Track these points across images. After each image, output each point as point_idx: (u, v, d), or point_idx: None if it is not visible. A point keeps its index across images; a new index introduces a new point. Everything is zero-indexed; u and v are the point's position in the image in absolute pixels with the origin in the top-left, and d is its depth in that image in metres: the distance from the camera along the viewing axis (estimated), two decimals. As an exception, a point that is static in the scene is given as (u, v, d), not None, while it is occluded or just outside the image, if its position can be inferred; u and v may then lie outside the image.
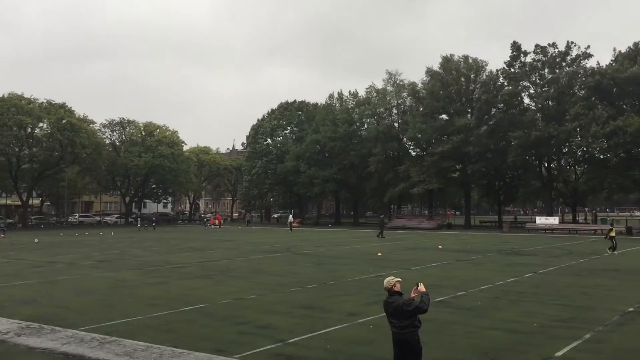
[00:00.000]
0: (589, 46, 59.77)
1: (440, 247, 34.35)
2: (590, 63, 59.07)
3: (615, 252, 28.82)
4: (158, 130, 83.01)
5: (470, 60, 64.66)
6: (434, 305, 13.78)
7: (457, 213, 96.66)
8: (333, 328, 11.64)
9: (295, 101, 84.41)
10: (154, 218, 69.16)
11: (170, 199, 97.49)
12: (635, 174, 52.72)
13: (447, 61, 64.86)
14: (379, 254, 29.09)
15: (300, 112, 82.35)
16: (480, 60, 64.94)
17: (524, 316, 12.78)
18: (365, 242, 38.97)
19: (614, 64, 55.65)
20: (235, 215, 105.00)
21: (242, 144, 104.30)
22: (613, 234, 30.22)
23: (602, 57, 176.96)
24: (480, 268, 22.76)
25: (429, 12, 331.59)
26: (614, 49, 58.69)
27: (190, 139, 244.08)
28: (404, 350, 7.04)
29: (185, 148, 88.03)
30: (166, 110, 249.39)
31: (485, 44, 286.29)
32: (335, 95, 78.90)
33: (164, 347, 10.02)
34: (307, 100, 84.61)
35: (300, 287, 17.36)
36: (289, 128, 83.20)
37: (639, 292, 16.15)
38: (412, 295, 7.13)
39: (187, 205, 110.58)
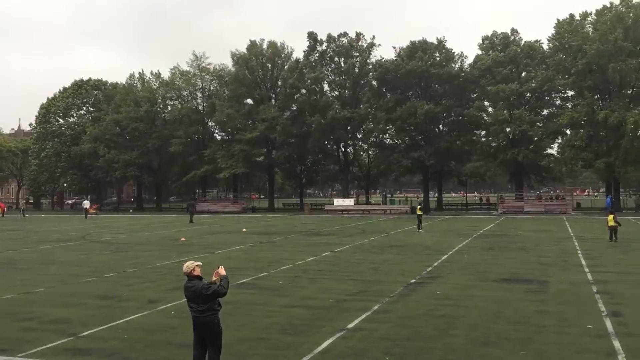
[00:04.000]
0: (374, 37, 64.78)
1: (244, 230, 34.79)
2: (378, 54, 63.84)
3: (421, 231, 31.77)
4: None
5: (277, 46, 65.83)
6: (236, 287, 14.03)
7: (262, 196, 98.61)
8: (132, 317, 11.19)
9: (90, 79, 78.79)
10: None
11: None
12: (418, 157, 58.26)
13: (253, 46, 65.40)
14: (183, 239, 28.60)
15: (97, 92, 77.04)
16: (287, 46, 66.74)
17: (321, 292, 13.50)
18: (169, 228, 38.02)
19: (397, 59, 60.79)
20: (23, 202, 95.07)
21: (30, 124, 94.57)
22: (420, 212, 33.41)
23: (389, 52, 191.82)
24: (282, 249, 23.53)
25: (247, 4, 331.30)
26: (394, 47, 64.41)
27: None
28: (204, 334, 7.03)
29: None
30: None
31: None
32: (137, 75, 75.30)
33: None
34: (104, 79, 79.53)
35: (97, 277, 16.37)
36: (84, 108, 77.52)
37: (420, 265, 17.99)
38: (213, 278, 7.12)
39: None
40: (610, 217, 24.55)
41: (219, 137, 70.99)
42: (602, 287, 13.61)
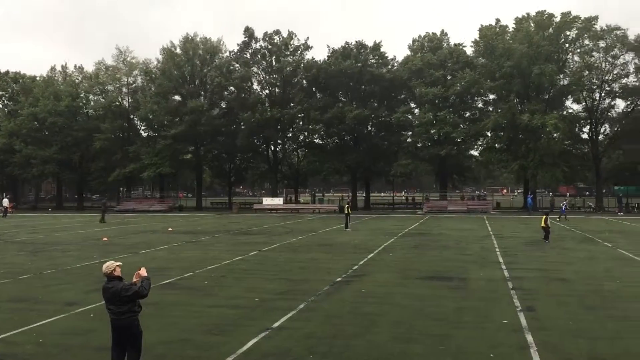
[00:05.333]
0: (308, 38, 65.24)
1: (170, 229, 34.08)
2: (310, 54, 64.22)
3: (349, 229, 32.12)
4: None
5: (211, 42, 64.74)
6: (160, 287, 13.76)
7: (190, 195, 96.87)
8: (48, 320, 10.73)
9: (8, 72, 74.79)
10: None
11: None
12: (348, 159, 59.08)
13: (186, 41, 64.00)
14: (105, 238, 27.68)
15: (15, 85, 73.23)
16: (219, 40, 65.76)
17: (247, 292, 13.43)
18: (90, 227, 36.69)
19: (330, 59, 61.38)
20: None
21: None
22: (348, 211, 33.72)
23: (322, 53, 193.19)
24: (209, 248, 23.21)
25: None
26: (328, 46, 65.01)
27: None
28: (123, 336, 6.84)
29: None
30: None
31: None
32: (59, 68, 72.14)
33: None
34: (22, 72, 75.61)
35: (11, 279, 15.59)
36: (0, 101, 73.53)
37: (347, 263, 18.21)
38: (134, 279, 6.94)
39: None
40: (543, 218, 25.56)
41: (144, 134, 69.11)
42: (517, 284, 14.25)
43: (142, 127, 69.72)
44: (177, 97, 64.76)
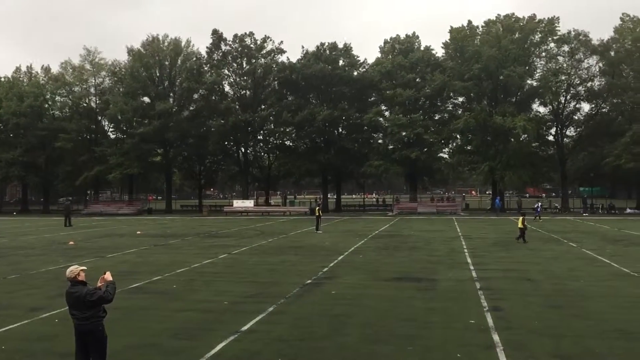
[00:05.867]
0: (282, 42, 65.19)
1: (139, 232, 33.67)
2: (283, 58, 64.15)
3: (320, 231, 32.15)
4: None
5: (179, 43, 64.15)
6: (128, 292, 13.59)
7: (159, 198, 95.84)
8: (11, 326, 10.49)
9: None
10: None
11: None
12: (319, 161, 59.13)
13: (151, 42, 63.37)
14: (71, 242, 27.19)
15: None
16: (187, 41, 65.27)
17: (216, 295, 13.32)
18: (56, 231, 36.00)
19: (302, 60, 61.49)
20: None
21: None
22: (318, 213, 33.71)
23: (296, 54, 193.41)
24: (178, 252, 22.97)
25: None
26: (302, 47, 65.07)
27: None
28: (87, 342, 6.71)
29: None
30: None
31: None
32: (24, 69, 70.69)
33: None
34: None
35: (-28, 285, 15.21)
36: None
37: (317, 265, 18.22)
38: (99, 284, 6.83)
39: None
40: (520, 219, 25.89)
41: (112, 136, 68.14)
42: (485, 284, 14.45)
43: (111, 129, 68.82)
44: (145, 99, 64.06)
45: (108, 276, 6.90)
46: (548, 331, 9.80)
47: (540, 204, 47.49)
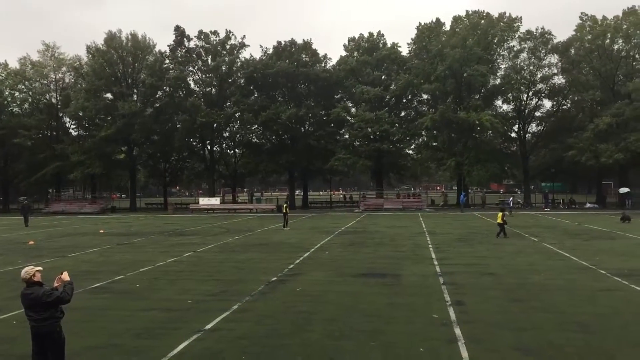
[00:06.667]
0: (244, 36, 64.87)
1: (102, 231, 33.11)
2: (246, 54, 63.70)
3: (287, 228, 32.07)
4: None
5: (139, 39, 63.10)
6: (89, 292, 13.37)
7: (124, 196, 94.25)
8: (-35, 330, 10.19)
9: None
10: None
11: None
12: (285, 158, 58.96)
13: (112, 38, 62.18)
14: (31, 242, 26.56)
15: None
16: (149, 38, 64.31)
17: (180, 294, 13.18)
18: (16, 230, 35.12)
19: (264, 58, 61.16)
20: None
21: None
22: (286, 210, 33.63)
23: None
24: (141, 250, 22.64)
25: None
26: (261, 46, 64.80)
27: None
28: (44, 344, 6.56)
29: None
30: None
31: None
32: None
33: None
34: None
35: None
36: None
37: (282, 263, 18.19)
38: (56, 284, 6.68)
39: None
40: (499, 214, 26.25)
41: (74, 133, 66.71)
42: (448, 279, 14.64)
43: (73, 126, 67.41)
44: (108, 95, 62.87)
45: (65, 276, 6.76)
46: (509, 324, 9.98)
47: (512, 199, 48.25)
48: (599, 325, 9.88)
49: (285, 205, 35.51)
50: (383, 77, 59.40)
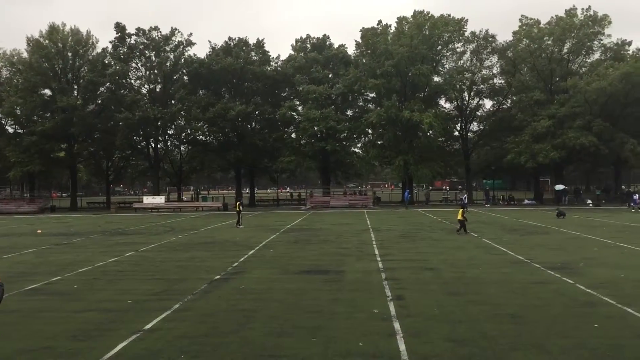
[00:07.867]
0: (191, 34, 63.94)
1: (39, 231, 32.05)
2: (192, 51, 62.94)
3: (241, 226, 31.84)
4: None
5: (81, 34, 61.17)
6: (23, 294, 13.00)
7: (65, 195, 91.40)
8: None
9: None
10: None
11: None
12: (231, 155, 58.50)
13: (53, 31, 60.02)
14: (-37, 243, 25.47)
15: None
16: (92, 35, 62.40)
17: (119, 294, 12.92)
18: (-53, 231, 33.57)
19: (211, 55, 60.55)
20: None
21: None
22: (239, 208, 33.33)
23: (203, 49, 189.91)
24: (81, 250, 22.05)
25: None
26: (209, 42, 64.17)
27: None
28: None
29: None
30: None
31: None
32: None
33: None
34: None
35: None
36: None
37: (226, 261, 18.08)
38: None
39: None
40: (460, 211, 26.66)
41: (11, 130, 64.17)
42: (390, 274, 14.91)
43: (10, 123, 64.77)
44: (47, 92, 60.75)
45: (-6, 277, 6.55)
46: (446, 317, 10.27)
47: (465, 195, 49.31)
48: (531, 316, 10.28)
49: (238, 203, 35.18)
50: (331, 75, 59.70)
